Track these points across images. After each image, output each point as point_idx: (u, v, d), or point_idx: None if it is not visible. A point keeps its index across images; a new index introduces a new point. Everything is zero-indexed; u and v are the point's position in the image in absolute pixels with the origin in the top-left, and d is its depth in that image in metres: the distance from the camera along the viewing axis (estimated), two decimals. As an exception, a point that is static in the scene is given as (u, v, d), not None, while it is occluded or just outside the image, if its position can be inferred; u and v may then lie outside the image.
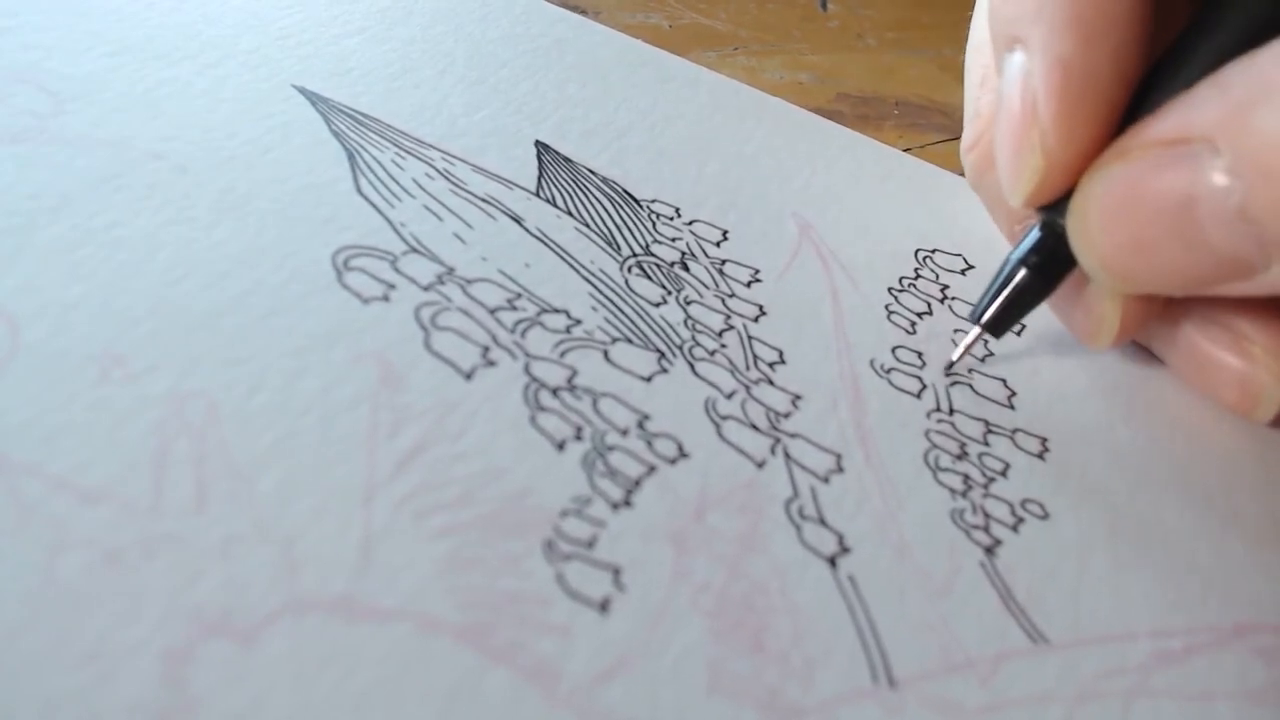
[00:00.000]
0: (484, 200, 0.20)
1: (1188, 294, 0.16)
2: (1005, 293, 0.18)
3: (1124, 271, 0.16)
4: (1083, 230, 0.17)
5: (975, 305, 0.19)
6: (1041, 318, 0.22)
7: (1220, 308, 0.19)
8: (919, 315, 0.21)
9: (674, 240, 0.21)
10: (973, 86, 0.21)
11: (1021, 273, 0.18)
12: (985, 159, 0.20)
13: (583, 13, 0.28)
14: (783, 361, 0.19)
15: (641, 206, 0.21)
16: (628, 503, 0.15)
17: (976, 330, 0.19)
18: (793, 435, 0.17)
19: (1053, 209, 0.17)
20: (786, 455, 0.17)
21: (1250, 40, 0.14)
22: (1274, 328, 0.18)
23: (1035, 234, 0.18)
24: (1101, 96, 0.16)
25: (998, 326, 0.19)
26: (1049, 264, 0.18)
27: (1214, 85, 0.15)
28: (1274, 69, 0.14)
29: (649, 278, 0.19)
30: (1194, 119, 0.15)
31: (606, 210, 0.21)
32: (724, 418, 0.17)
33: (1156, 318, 0.19)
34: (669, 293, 0.19)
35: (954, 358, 0.19)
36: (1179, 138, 0.15)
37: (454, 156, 0.21)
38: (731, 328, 0.19)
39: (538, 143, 0.22)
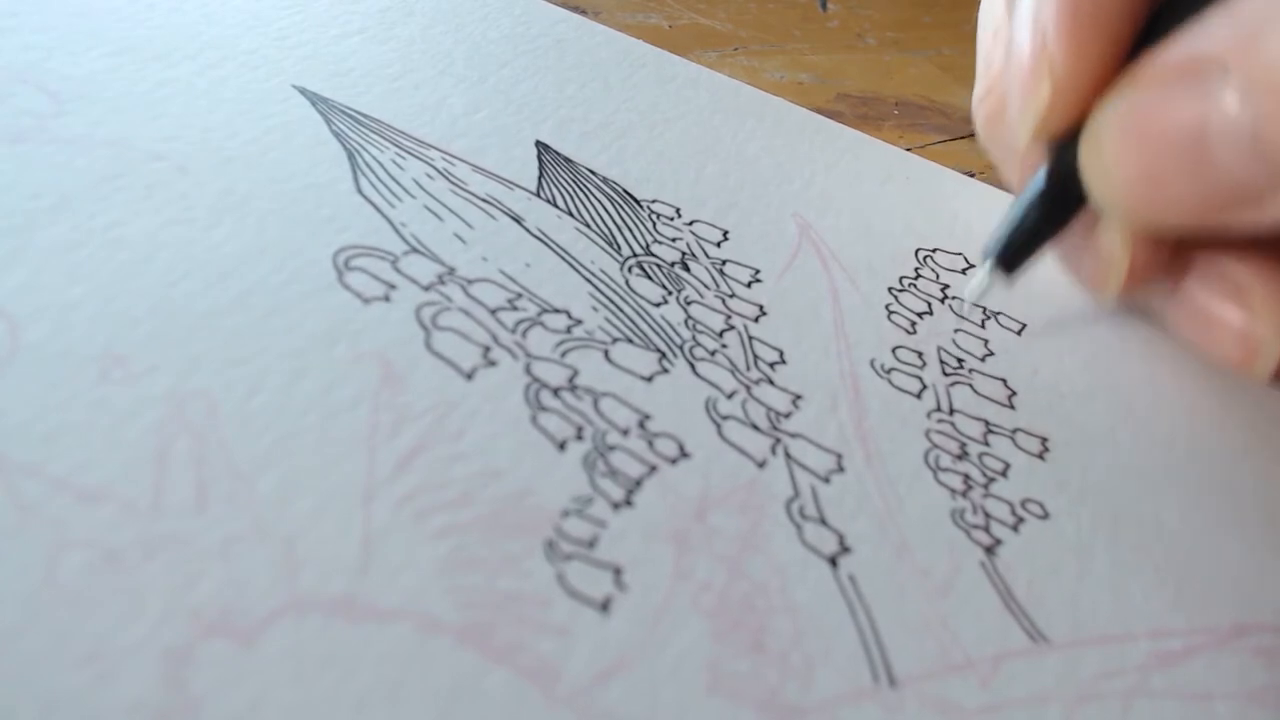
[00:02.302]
0: (484, 200, 0.20)
1: (1199, 224, 0.16)
2: (1015, 229, 0.19)
3: (1138, 201, 0.16)
4: (1096, 160, 0.17)
5: (986, 244, 0.19)
6: (1042, 319, 0.22)
7: (1222, 259, 0.19)
8: (919, 315, 0.21)
9: (674, 240, 0.21)
10: (984, 40, 0.21)
11: (1034, 208, 0.18)
12: (996, 109, 0.20)
13: (583, 13, 0.28)
14: (783, 361, 0.19)
15: (642, 206, 0.21)
16: (629, 502, 0.15)
17: (988, 264, 0.19)
18: (793, 435, 0.17)
19: (1063, 149, 0.17)
20: (787, 455, 0.17)
21: None
22: (1274, 279, 0.18)
23: (1045, 172, 0.18)
24: (1110, 24, 0.16)
25: (1010, 262, 0.19)
26: (1060, 199, 0.18)
27: (1225, 10, 0.15)
28: None
29: (649, 278, 0.19)
30: (1205, 44, 0.15)
31: (607, 210, 0.21)
32: (725, 418, 0.17)
33: (1160, 272, 0.19)
34: (669, 293, 0.19)
35: (966, 295, 0.20)
36: (1190, 63, 0.15)
37: (454, 156, 0.21)
38: (732, 328, 0.19)
39: (538, 143, 0.22)
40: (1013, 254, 0.19)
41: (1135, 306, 0.22)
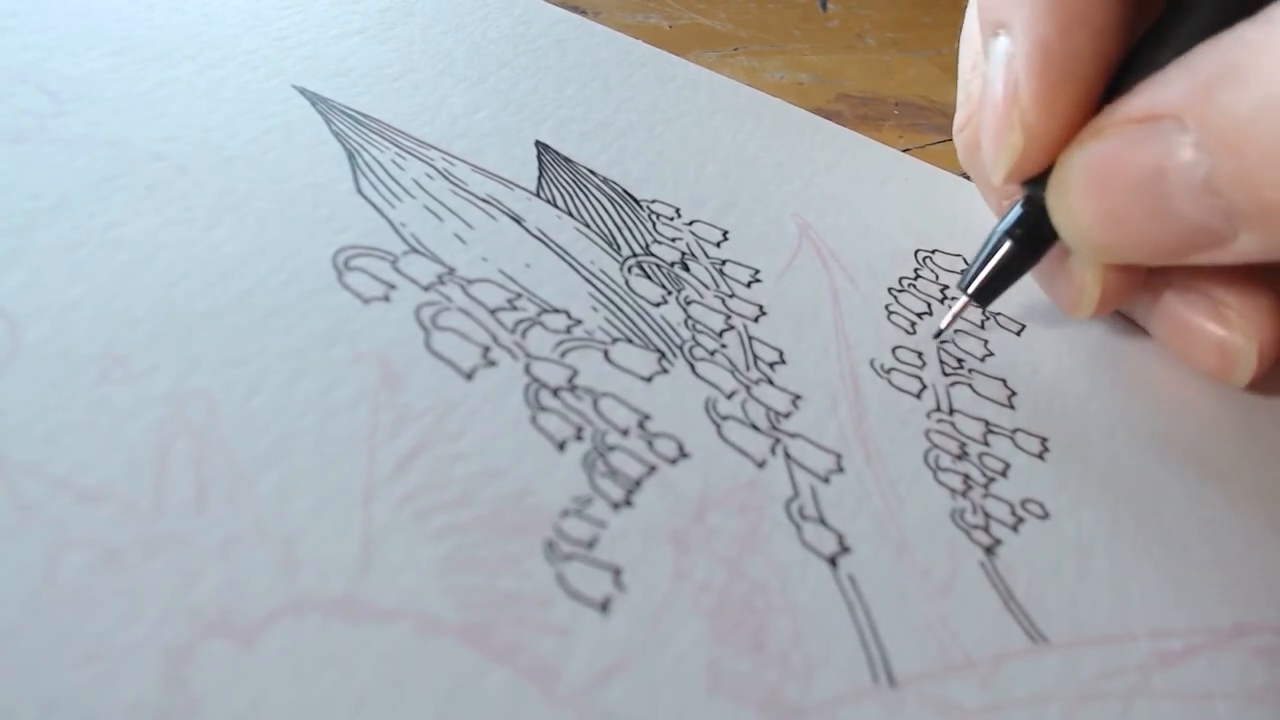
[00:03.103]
0: (484, 200, 0.20)
1: (1164, 263, 0.17)
2: (992, 263, 0.19)
3: (1102, 243, 0.17)
4: (1062, 204, 0.17)
5: (963, 275, 0.20)
6: (1042, 319, 0.22)
7: (1199, 276, 0.20)
8: (919, 315, 0.21)
9: (674, 240, 0.21)
10: (965, 71, 0.22)
11: (1007, 244, 0.19)
12: (974, 139, 0.21)
13: (583, 13, 0.28)
14: (783, 361, 0.19)
15: (641, 207, 0.21)
16: (628, 503, 0.15)
17: (964, 298, 0.20)
18: (793, 435, 0.17)
19: (1036, 184, 0.18)
20: (787, 455, 0.17)
21: (1220, 23, 0.15)
22: (1249, 294, 0.19)
23: (1019, 208, 0.19)
24: (1080, 77, 0.17)
25: (984, 295, 0.20)
26: (1032, 236, 0.19)
27: (1182, 65, 0.15)
28: (1236, 49, 0.14)
29: (649, 278, 0.19)
30: (1163, 97, 0.15)
31: (607, 210, 0.21)
32: (724, 418, 0.17)
33: (1139, 288, 0.20)
34: (669, 293, 0.19)
35: (942, 325, 0.20)
36: (1149, 115, 0.16)
37: (454, 156, 0.21)
38: (732, 328, 0.19)
39: (538, 143, 0.22)
40: (987, 288, 0.19)
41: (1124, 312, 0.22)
